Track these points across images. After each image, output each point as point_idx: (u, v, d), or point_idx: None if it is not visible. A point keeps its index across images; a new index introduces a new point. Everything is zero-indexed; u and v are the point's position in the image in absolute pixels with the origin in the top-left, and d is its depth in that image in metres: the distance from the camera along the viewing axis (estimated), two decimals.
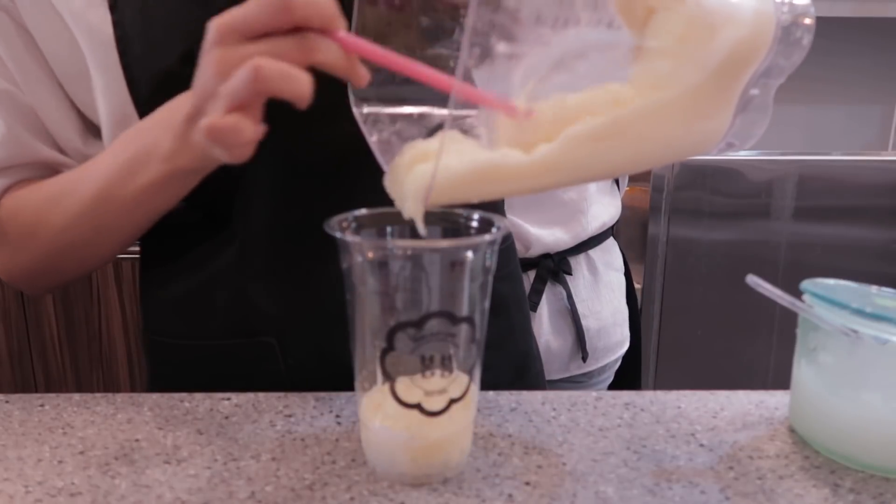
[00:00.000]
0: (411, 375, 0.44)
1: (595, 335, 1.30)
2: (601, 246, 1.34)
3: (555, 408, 0.58)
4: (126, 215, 0.57)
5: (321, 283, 0.62)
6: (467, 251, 0.44)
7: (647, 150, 0.44)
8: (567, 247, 1.29)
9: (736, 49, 0.40)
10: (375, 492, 0.46)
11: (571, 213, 1.29)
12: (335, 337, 0.63)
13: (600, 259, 1.34)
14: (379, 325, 0.45)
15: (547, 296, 1.28)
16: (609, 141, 0.42)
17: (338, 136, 0.57)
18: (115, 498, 0.46)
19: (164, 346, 0.68)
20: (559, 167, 0.43)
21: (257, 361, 0.64)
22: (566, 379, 1.32)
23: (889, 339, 0.48)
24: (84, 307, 1.71)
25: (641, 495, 0.46)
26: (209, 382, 0.62)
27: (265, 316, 0.63)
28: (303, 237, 0.62)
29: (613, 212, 1.35)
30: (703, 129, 0.43)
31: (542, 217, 1.27)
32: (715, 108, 0.42)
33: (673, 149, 0.44)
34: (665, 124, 0.42)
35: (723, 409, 0.59)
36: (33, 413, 0.57)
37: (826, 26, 2.03)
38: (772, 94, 0.44)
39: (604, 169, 0.44)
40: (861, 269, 1.75)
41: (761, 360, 1.78)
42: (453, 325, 0.44)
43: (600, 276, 1.33)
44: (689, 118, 0.42)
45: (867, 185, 1.74)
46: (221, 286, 0.63)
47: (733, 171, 1.71)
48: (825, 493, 0.47)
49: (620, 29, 0.42)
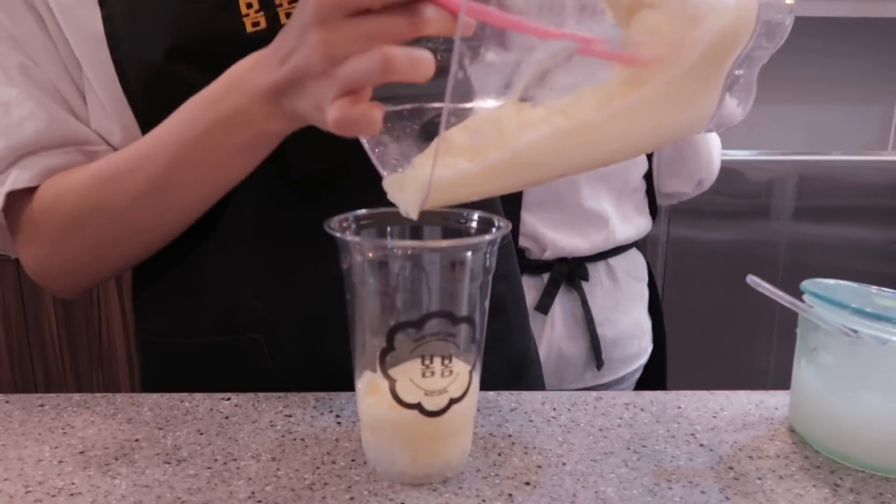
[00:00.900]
0: (411, 375, 0.44)
1: (611, 344, 1.25)
2: (623, 255, 1.29)
3: (555, 408, 0.58)
4: (200, 188, 0.55)
5: (308, 281, 0.62)
6: (467, 251, 0.44)
7: (637, 140, 0.44)
8: (586, 254, 1.25)
9: (719, 38, 0.41)
10: (375, 492, 0.46)
11: (592, 222, 1.24)
12: (322, 335, 0.63)
13: (621, 267, 1.28)
14: (379, 325, 0.45)
15: (561, 300, 1.23)
16: (599, 134, 0.43)
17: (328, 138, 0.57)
18: (115, 498, 0.46)
19: (155, 345, 0.68)
20: (547, 162, 0.43)
21: (245, 359, 0.64)
22: (582, 389, 1.27)
23: (889, 339, 0.48)
24: (84, 307, 1.71)
25: (641, 495, 0.46)
26: (199, 380, 0.62)
27: (252, 313, 0.63)
28: (288, 235, 0.62)
29: (641, 229, 1.30)
30: (690, 115, 0.44)
31: (559, 221, 1.23)
32: (701, 93, 0.43)
33: (662, 136, 0.45)
34: (654, 115, 0.43)
35: (723, 409, 0.59)
36: (33, 413, 0.57)
37: (826, 26, 2.03)
38: (756, 72, 0.45)
39: (594, 161, 0.45)
40: (861, 269, 1.76)
41: (761, 360, 1.78)
42: (453, 325, 0.44)
43: (620, 284, 1.28)
44: (677, 107, 0.43)
45: (867, 185, 1.74)
46: (208, 283, 0.63)
47: (733, 171, 1.71)
48: (825, 493, 0.47)
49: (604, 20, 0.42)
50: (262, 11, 0.56)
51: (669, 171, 1.33)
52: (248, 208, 0.61)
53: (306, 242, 0.61)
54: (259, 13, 0.56)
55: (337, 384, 0.60)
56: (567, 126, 0.42)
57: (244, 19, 0.56)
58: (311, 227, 0.62)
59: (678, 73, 0.41)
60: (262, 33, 0.56)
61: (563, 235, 1.23)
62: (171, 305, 0.66)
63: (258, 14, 0.56)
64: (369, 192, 0.46)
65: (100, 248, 0.59)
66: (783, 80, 1.95)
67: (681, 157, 1.32)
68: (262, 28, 0.56)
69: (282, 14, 0.56)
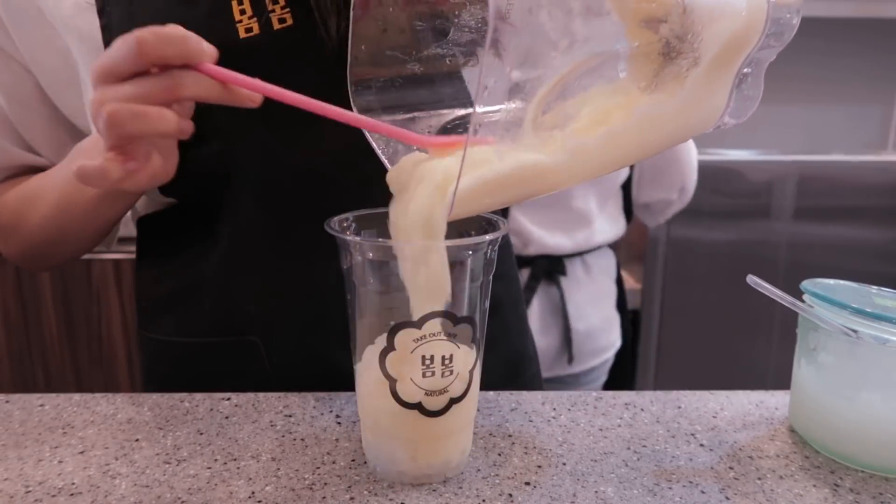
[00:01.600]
0: (411, 375, 0.44)
1: (583, 338, 1.30)
2: (599, 252, 1.35)
3: (555, 408, 0.58)
4: (84, 221, 0.61)
5: (305, 283, 0.63)
6: (468, 251, 0.44)
7: (650, 142, 0.45)
8: (568, 252, 1.30)
9: (731, 40, 0.42)
10: (375, 492, 0.46)
11: (577, 220, 1.29)
12: (319, 336, 0.63)
13: (596, 264, 1.34)
14: (379, 325, 0.45)
15: (539, 295, 1.28)
16: (616, 142, 0.44)
17: (326, 141, 0.57)
18: (115, 498, 0.46)
19: (156, 344, 0.69)
20: (571, 168, 0.44)
21: (243, 360, 0.64)
22: (551, 379, 1.32)
23: (889, 339, 0.48)
24: (84, 307, 1.71)
25: (641, 495, 0.46)
26: (199, 380, 0.63)
27: (249, 315, 0.63)
28: (286, 238, 0.62)
29: (618, 231, 1.37)
30: (702, 114, 0.45)
31: (546, 218, 1.28)
32: (712, 93, 0.44)
33: (675, 136, 0.46)
34: (667, 118, 0.44)
35: (723, 409, 0.59)
36: (33, 413, 0.57)
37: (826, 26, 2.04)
38: (764, 69, 0.46)
39: (613, 164, 0.46)
40: (861, 269, 1.75)
41: (761, 360, 1.78)
42: (453, 325, 0.44)
43: (595, 280, 1.34)
44: (689, 108, 0.44)
45: (867, 185, 1.74)
46: (209, 285, 0.64)
47: (733, 171, 1.71)
48: (825, 493, 0.47)
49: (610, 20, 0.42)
50: (255, 18, 0.56)
51: (651, 179, 1.38)
52: (248, 212, 0.61)
53: (304, 243, 0.61)
54: (252, 19, 0.56)
55: (336, 384, 0.60)
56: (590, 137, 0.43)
57: (237, 25, 0.56)
58: (310, 227, 0.63)
59: (692, 74, 0.42)
60: (254, 39, 0.56)
61: (549, 233, 1.28)
62: (172, 306, 0.67)
63: (251, 20, 0.56)
64: (369, 193, 0.46)
65: (33, 248, 0.66)
66: (783, 80, 1.95)
67: (663, 165, 1.36)
68: (255, 34, 0.56)
69: (274, 20, 0.56)
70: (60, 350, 1.74)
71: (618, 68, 0.44)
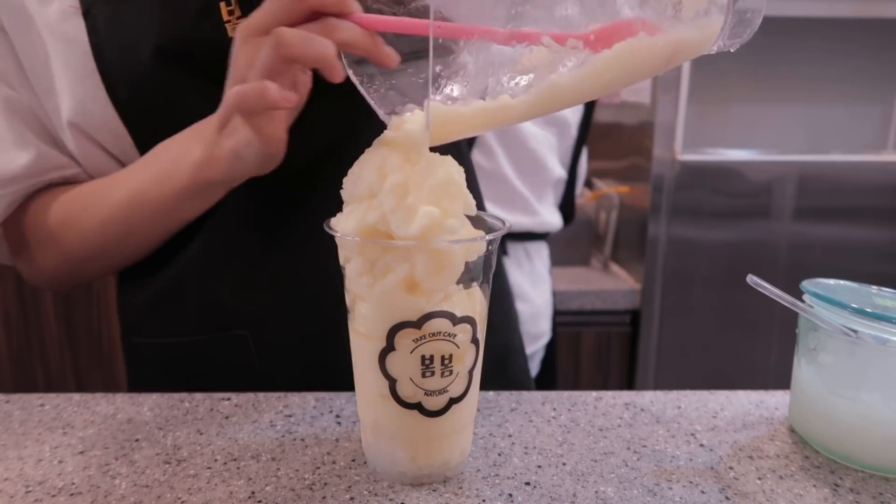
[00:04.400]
0: (411, 375, 0.44)
1: (528, 319, 1.37)
2: (537, 243, 1.44)
3: (555, 408, 0.58)
4: (154, 221, 0.59)
5: (291, 277, 0.62)
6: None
7: (649, 64, 0.45)
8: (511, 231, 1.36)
9: None
10: (375, 492, 0.46)
11: (523, 206, 1.38)
12: (307, 332, 0.63)
13: (535, 252, 1.43)
14: (379, 324, 0.45)
15: None
16: (621, 60, 0.43)
17: (311, 137, 0.57)
18: (115, 498, 0.46)
19: (141, 348, 0.68)
20: (593, 78, 0.44)
21: (231, 356, 0.64)
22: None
23: (889, 339, 0.48)
24: (84, 307, 1.71)
25: (641, 495, 0.46)
26: (186, 381, 0.62)
27: (234, 310, 0.63)
28: (273, 230, 0.62)
29: (558, 224, 1.46)
30: (697, 33, 0.45)
31: (493, 195, 1.34)
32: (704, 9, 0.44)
33: (676, 58, 0.46)
34: (662, 42, 0.44)
35: (723, 409, 0.59)
36: (33, 413, 0.57)
37: (826, 26, 2.03)
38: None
39: (597, 92, 0.46)
40: (861, 269, 1.75)
41: (761, 360, 1.78)
42: (453, 325, 0.44)
43: (535, 265, 1.42)
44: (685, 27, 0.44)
45: (867, 185, 1.74)
46: (190, 282, 0.63)
47: (733, 171, 1.71)
48: (825, 493, 0.47)
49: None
50: (243, 17, 0.56)
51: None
52: (229, 206, 0.60)
53: (293, 238, 0.61)
54: (240, 20, 0.56)
55: (322, 382, 0.60)
56: (584, 66, 0.43)
57: (226, 26, 0.57)
58: (296, 219, 0.62)
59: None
60: None
61: (494, 208, 1.34)
62: (155, 307, 0.66)
63: (239, 20, 0.56)
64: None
65: (76, 260, 0.63)
66: (783, 80, 1.95)
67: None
68: None
69: None
70: (60, 350, 1.74)
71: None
